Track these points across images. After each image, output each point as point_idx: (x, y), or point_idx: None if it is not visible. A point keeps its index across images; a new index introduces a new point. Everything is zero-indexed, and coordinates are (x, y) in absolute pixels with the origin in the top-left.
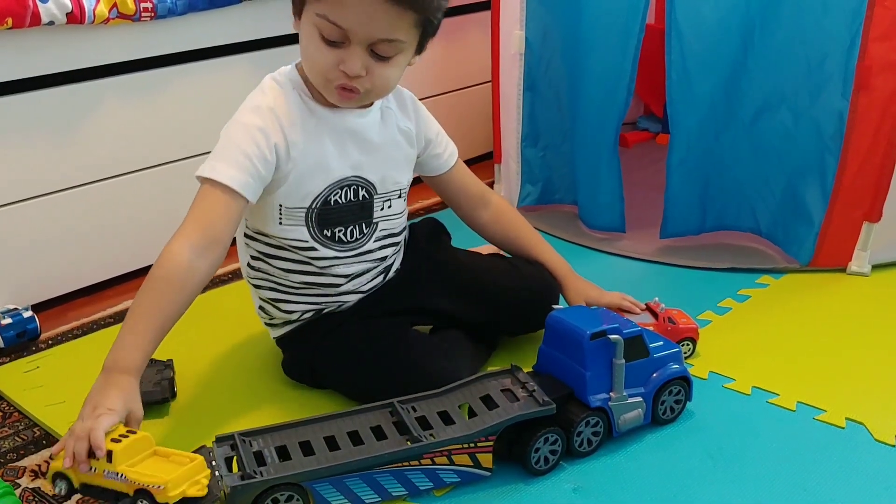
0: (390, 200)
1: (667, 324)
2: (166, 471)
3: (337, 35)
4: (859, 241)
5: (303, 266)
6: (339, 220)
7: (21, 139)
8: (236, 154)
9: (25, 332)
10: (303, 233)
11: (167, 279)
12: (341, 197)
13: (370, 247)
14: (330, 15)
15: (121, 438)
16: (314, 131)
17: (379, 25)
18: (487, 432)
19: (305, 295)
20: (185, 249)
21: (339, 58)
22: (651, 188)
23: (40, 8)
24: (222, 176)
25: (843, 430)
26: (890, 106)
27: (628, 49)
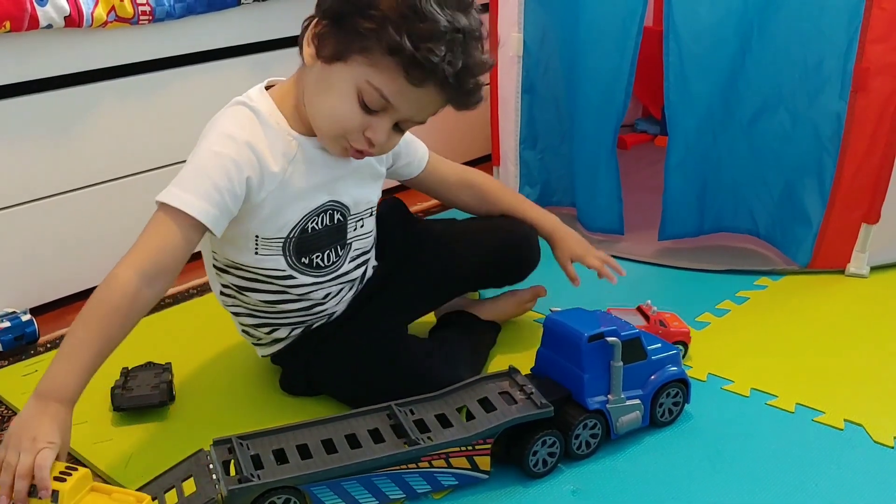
0: (362, 220)
1: (658, 327)
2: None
3: (379, 106)
4: (857, 242)
5: (280, 296)
6: (317, 247)
7: (19, 142)
8: (207, 185)
9: (24, 335)
10: (279, 262)
11: (115, 307)
12: (318, 223)
13: (346, 268)
14: (385, 91)
15: (63, 476)
16: (295, 161)
17: (425, 112)
18: (485, 435)
19: (287, 319)
20: (134, 278)
21: (366, 123)
22: (649, 190)
23: (38, 11)
24: (192, 208)
25: (842, 431)
26: (887, 107)
27: (626, 51)
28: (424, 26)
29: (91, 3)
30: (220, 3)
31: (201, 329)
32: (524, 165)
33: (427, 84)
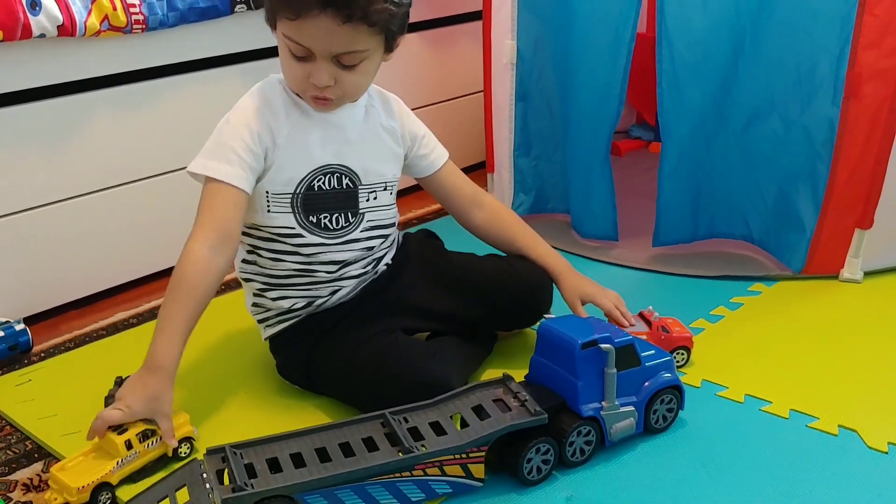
0: (375, 192)
1: (660, 332)
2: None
3: (302, 52)
4: (851, 248)
5: (291, 256)
6: (324, 207)
7: (12, 151)
8: (226, 151)
9: (17, 344)
10: (289, 219)
11: (193, 282)
12: (325, 183)
13: (357, 236)
14: (293, 36)
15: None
16: (298, 121)
17: (337, 41)
18: (479, 443)
19: (295, 286)
20: (203, 249)
21: (307, 71)
22: (644, 196)
23: (31, 20)
24: (220, 173)
25: (836, 437)
26: (880, 113)
27: (619, 58)
28: None
29: (84, 13)
30: (213, 11)
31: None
32: (518, 172)
33: (304, 13)
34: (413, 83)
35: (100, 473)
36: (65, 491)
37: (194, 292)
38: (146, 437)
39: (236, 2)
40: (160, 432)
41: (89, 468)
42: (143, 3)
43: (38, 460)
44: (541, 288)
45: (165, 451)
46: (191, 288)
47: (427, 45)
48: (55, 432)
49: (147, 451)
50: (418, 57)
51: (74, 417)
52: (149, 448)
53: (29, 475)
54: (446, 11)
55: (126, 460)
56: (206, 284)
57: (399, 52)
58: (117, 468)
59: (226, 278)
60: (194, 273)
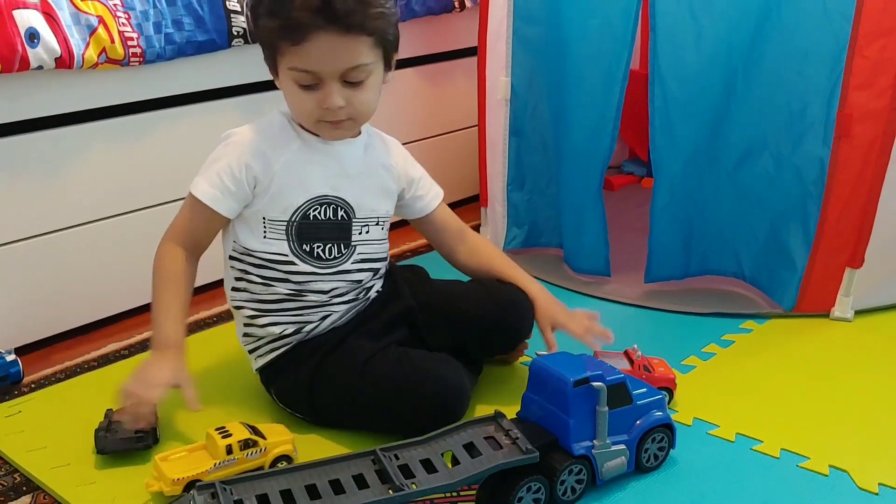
0: (368, 227)
1: (642, 371)
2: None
3: (310, 79)
4: (842, 286)
5: (282, 283)
6: (318, 237)
7: (7, 182)
8: (211, 173)
9: (8, 375)
10: (283, 246)
11: (175, 271)
12: (320, 213)
13: (348, 267)
14: (299, 65)
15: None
16: (298, 151)
17: (342, 57)
18: (470, 481)
19: (284, 311)
20: (172, 247)
21: (318, 98)
22: (636, 232)
23: (29, 53)
24: (197, 191)
25: (827, 477)
26: (870, 153)
27: (612, 95)
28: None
29: (82, 45)
30: (211, 45)
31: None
32: (511, 207)
33: (308, 36)
34: (409, 117)
35: (197, 470)
36: (161, 480)
37: (180, 282)
38: (247, 446)
39: (233, 35)
40: (262, 444)
41: (189, 463)
42: (141, 37)
43: (26, 493)
44: (520, 307)
45: (263, 463)
46: (176, 278)
47: (423, 80)
48: (44, 465)
49: (245, 459)
50: (414, 91)
51: (64, 450)
52: (248, 457)
53: None
54: (442, 47)
55: (224, 463)
56: (188, 277)
57: (395, 87)
58: (214, 469)
59: (216, 310)
60: (177, 266)
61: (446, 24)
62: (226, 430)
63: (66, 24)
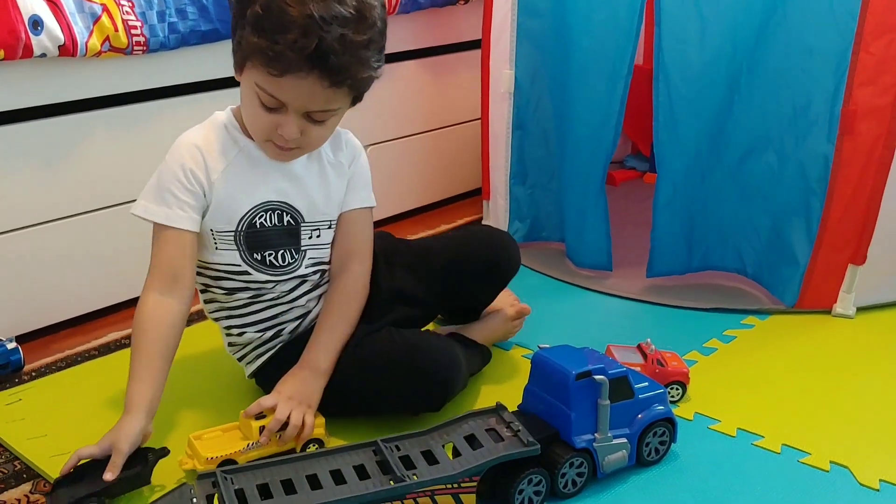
0: (319, 230)
1: (655, 366)
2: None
3: (274, 104)
4: (844, 283)
5: (242, 291)
6: (268, 244)
7: (9, 169)
8: (164, 194)
9: (9, 363)
10: (235, 257)
11: (145, 327)
12: (266, 220)
13: (304, 271)
14: (269, 89)
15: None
16: (236, 159)
17: (316, 101)
18: (471, 473)
19: (254, 314)
20: (153, 295)
21: (276, 122)
22: (638, 226)
23: (32, 40)
24: (161, 217)
25: (828, 473)
26: (874, 150)
27: (616, 89)
28: (272, 21)
29: (86, 33)
30: (214, 34)
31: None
32: (514, 200)
33: (290, 72)
34: (411, 110)
35: (230, 450)
36: (195, 458)
37: (151, 337)
38: (280, 429)
39: None
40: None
41: (222, 443)
42: (145, 25)
43: (26, 481)
44: (501, 240)
45: (294, 446)
46: (146, 334)
47: (426, 73)
48: (44, 453)
49: (278, 441)
50: (417, 84)
51: (64, 438)
52: (280, 439)
53: (17, 496)
54: (446, 40)
55: (256, 444)
56: (162, 328)
57: (398, 80)
58: (246, 449)
59: None
60: (147, 320)
61: (450, 16)
62: (260, 413)
63: (69, 11)
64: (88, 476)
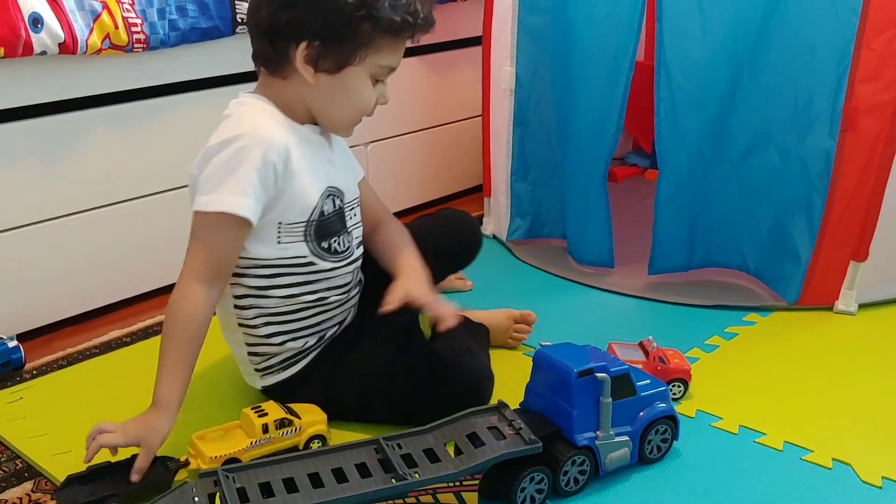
0: (354, 209)
1: (657, 363)
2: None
3: (384, 75)
4: (846, 279)
5: (303, 287)
6: (332, 231)
7: (10, 167)
8: (233, 183)
9: (10, 361)
10: (301, 248)
11: (186, 320)
12: (328, 207)
13: (357, 254)
14: (392, 63)
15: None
16: (300, 148)
17: (401, 56)
18: (473, 471)
19: (306, 319)
20: (199, 286)
21: (379, 92)
22: (639, 223)
23: (33, 38)
24: (230, 205)
25: (830, 470)
26: (876, 146)
27: (618, 86)
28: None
29: (86, 31)
30: (215, 32)
31: None
32: (515, 197)
33: (406, 35)
34: (413, 106)
35: (234, 448)
36: (199, 457)
37: (190, 331)
38: (282, 426)
39: (237, 23)
40: (297, 423)
41: (226, 442)
42: (145, 23)
43: (27, 479)
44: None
45: (297, 442)
46: (187, 328)
47: (427, 69)
48: (46, 452)
49: (281, 438)
50: (418, 81)
51: (66, 437)
52: (283, 436)
53: (19, 495)
54: (446, 36)
55: (259, 442)
56: (201, 323)
57: (399, 76)
58: (251, 447)
59: None
60: (190, 313)
61: (451, 12)
62: (261, 410)
63: (69, 9)
64: (105, 475)
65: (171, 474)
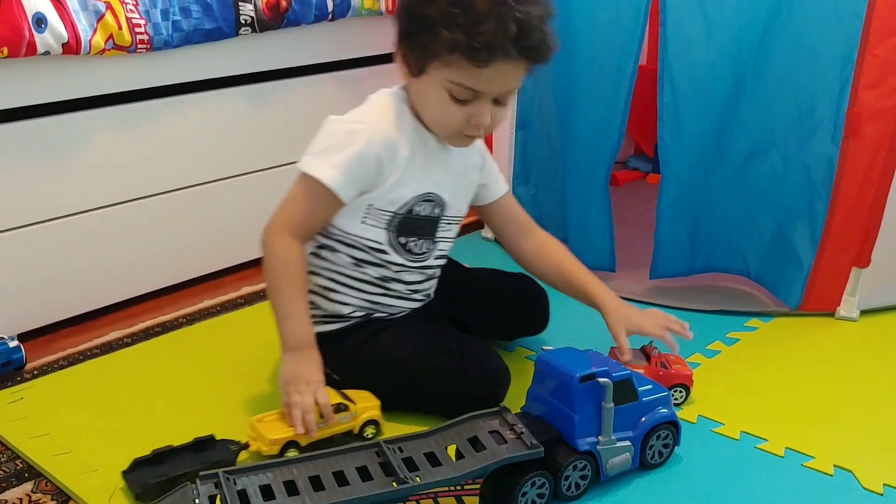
0: (450, 225)
1: (659, 368)
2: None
3: (468, 95)
4: (848, 285)
5: (373, 266)
6: (414, 231)
7: (12, 167)
8: (339, 159)
9: (11, 361)
10: (380, 235)
11: (292, 266)
12: (422, 210)
13: (431, 263)
14: (466, 82)
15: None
16: (417, 146)
17: (511, 83)
18: (474, 475)
19: (364, 294)
20: (285, 239)
21: (468, 113)
22: (641, 228)
23: (36, 38)
24: (324, 176)
25: (832, 477)
26: (879, 152)
27: (621, 90)
28: (466, 14)
29: (89, 31)
30: (218, 33)
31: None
32: (517, 200)
33: (496, 60)
34: None
35: (293, 432)
36: (259, 439)
37: (301, 279)
38: (339, 410)
39: (241, 24)
40: (353, 408)
41: (285, 425)
42: (149, 23)
43: (28, 480)
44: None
45: (352, 427)
46: (298, 276)
47: None
48: (47, 452)
49: (337, 422)
50: None
51: (66, 437)
52: (340, 421)
53: (19, 495)
54: None
55: (317, 426)
56: (304, 266)
57: (401, 79)
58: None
59: (220, 300)
60: (290, 259)
61: None
62: None
63: (73, 9)
64: (169, 458)
65: (234, 455)
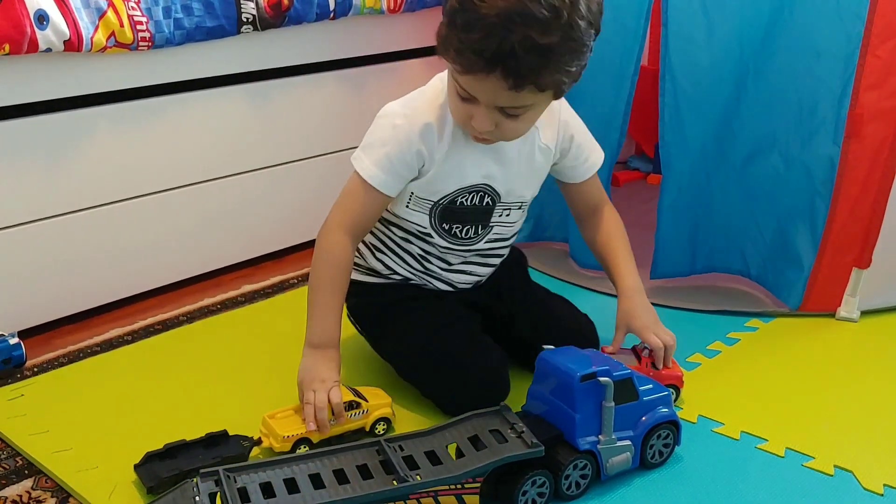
0: (510, 210)
1: (649, 369)
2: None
3: (466, 95)
4: (848, 286)
5: (419, 241)
6: (460, 219)
7: (13, 164)
8: (380, 156)
9: (11, 358)
10: (424, 220)
11: (338, 264)
12: (467, 200)
13: (480, 246)
14: (460, 80)
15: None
16: (457, 140)
17: (501, 99)
18: (475, 473)
19: (405, 262)
20: (339, 236)
21: (470, 112)
22: (641, 228)
23: (38, 35)
24: (367, 175)
25: (832, 477)
26: (880, 153)
27: (622, 91)
28: (464, 17)
29: (91, 28)
30: (220, 31)
31: (196, 358)
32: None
33: (471, 71)
34: None
35: (304, 429)
36: (271, 436)
37: (342, 275)
38: (351, 407)
39: (243, 22)
40: (364, 406)
41: (296, 422)
42: (150, 21)
43: (27, 477)
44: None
45: (364, 425)
46: (343, 277)
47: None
48: (47, 449)
49: (349, 420)
50: (423, 83)
51: (66, 434)
52: (352, 418)
53: (19, 492)
54: None
55: (329, 423)
56: (349, 267)
57: (404, 78)
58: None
59: (220, 297)
60: (338, 257)
61: None
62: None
63: (75, 6)
64: (182, 452)
65: (247, 451)
